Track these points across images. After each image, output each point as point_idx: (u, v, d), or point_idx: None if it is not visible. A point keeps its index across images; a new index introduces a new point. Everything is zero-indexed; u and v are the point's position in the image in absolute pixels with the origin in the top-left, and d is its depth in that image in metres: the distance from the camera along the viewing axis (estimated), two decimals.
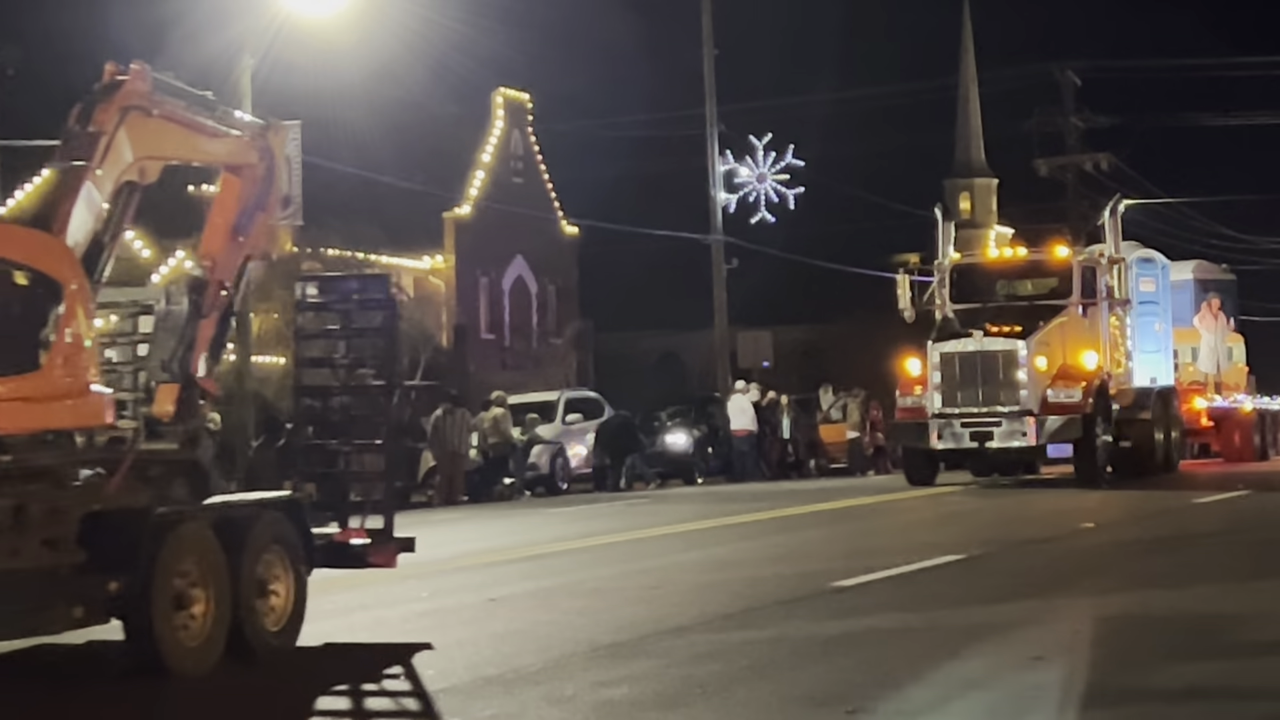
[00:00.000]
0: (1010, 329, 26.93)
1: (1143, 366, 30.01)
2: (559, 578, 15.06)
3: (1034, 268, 29.01)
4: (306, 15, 31.47)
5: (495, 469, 32.90)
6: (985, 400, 26.61)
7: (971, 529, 19.38)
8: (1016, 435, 26.45)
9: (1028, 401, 26.38)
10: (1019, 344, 26.60)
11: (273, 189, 12.08)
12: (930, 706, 8.43)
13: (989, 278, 29.06)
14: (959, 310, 28.14)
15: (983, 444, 26.67)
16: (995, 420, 26.51)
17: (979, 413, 26.59)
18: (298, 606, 10.88)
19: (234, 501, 11.02)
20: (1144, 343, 30.31)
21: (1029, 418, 26.31)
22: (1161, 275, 32.11)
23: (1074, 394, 26.53)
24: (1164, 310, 31.88)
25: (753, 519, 21.77)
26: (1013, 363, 26.53)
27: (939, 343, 27.20)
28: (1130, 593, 12.73)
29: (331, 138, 40.08)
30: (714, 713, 8.54)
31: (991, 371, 26.60)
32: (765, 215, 50.17)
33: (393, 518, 12.04)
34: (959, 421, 26.64)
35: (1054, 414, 26.37)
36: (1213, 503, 22.73)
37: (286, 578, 10.79)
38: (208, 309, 11.16)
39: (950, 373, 26.80)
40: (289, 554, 10.87)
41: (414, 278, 48.95)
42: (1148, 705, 8.38)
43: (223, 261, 11.43)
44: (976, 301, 28.20)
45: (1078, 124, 59.45)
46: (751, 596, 12.91)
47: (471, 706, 8.82)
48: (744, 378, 40.94)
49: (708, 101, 48.01)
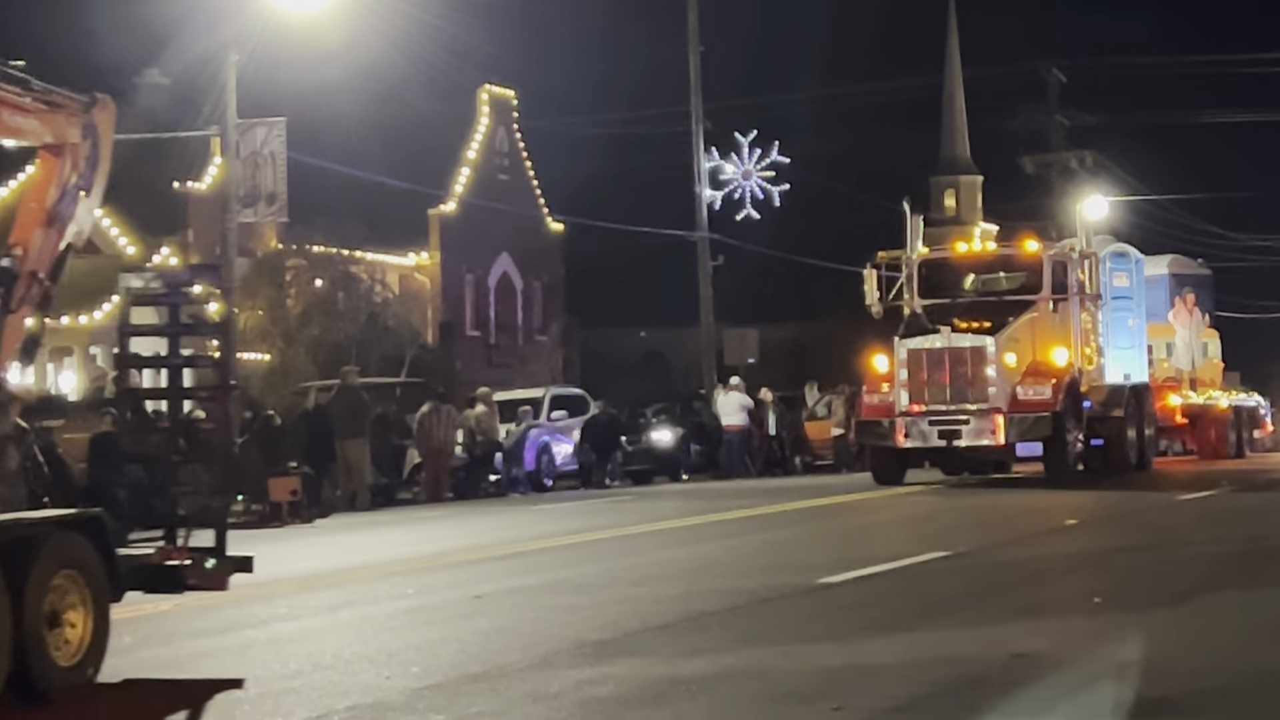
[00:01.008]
0: (979, 325, 26.45)
1: (1116, 363, 29.55)
2: (544, 575, 15.07)
3: (1004, 262, 28.58)
4: (292, 12, 31.45)
5: (481, 466, 32.90)
6: (953, 398, 26.10)
7: (955, 526, 19.40)
8: (985, 433, 25.96)
9: (996, 399, 25.90)
10: (988, 340, 26.13)
11: (98, 170, 10.73)
12: (916, 703, 8.44)
13: (958, 273, 28.56)
14: (927, 306, 27.65)
15: (950, 442, 26.21)
16: (963, 418, 26.01)
17: (947, 410, 26.10)
18: (98, 637, 9.70)
19: (16, 520, 9.67)
20: (1117, 339, 29.90)
21: (998, 415, 25.82)
22: (1135, 270, 31.66)
23: (1044, 391, 26.06)
24: (1138, 305, 31.39)
25: (738, 516, 21.78)
26: (981, 359, 26.04)
27: (906, 339, 26.70)
28: (1116, 589, 12.76)
29: (317, 134, 40.03)
30: (699, 710, 8.55)
31: (959, 368, 26.09)
32: (750, 212, 50.23)
33: (225, 534, 10.87)
34: (926, 419, 26.15)
35: (1023, 412, 25.88)
36: (1193, 500, 22.76)
37: (84, 606, 9.59)
38: (17, 303, 10.16)
39: (917, 369, 26.30)
40: (87, 578, 9.66)
41: (399, 274, 48.95)
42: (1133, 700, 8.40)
43: (37, 250, 10.30)
44: (945, 297, 27.77)
45: (1063, 121, 59.63)
46: (737, 593, 12.92)
47: (456, 704, 8.82)
48: (736, 374, 40.94)
49: (693, 98, 48.04)
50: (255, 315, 41.59)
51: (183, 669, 10.45)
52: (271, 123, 33.83)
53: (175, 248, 37.74)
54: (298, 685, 9.58)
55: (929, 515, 21.82)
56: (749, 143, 50.35)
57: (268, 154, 33.58)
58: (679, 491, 31.11)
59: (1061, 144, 60.06)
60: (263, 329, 41.94)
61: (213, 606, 13.58)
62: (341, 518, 26.60)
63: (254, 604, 13.59)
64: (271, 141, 33.64)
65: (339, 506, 28.39)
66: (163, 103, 42.50)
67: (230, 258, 32.53)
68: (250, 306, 40.74)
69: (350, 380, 30.76)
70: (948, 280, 28.21)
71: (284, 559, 18.96)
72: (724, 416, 37.37)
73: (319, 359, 41.05)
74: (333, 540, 21.59)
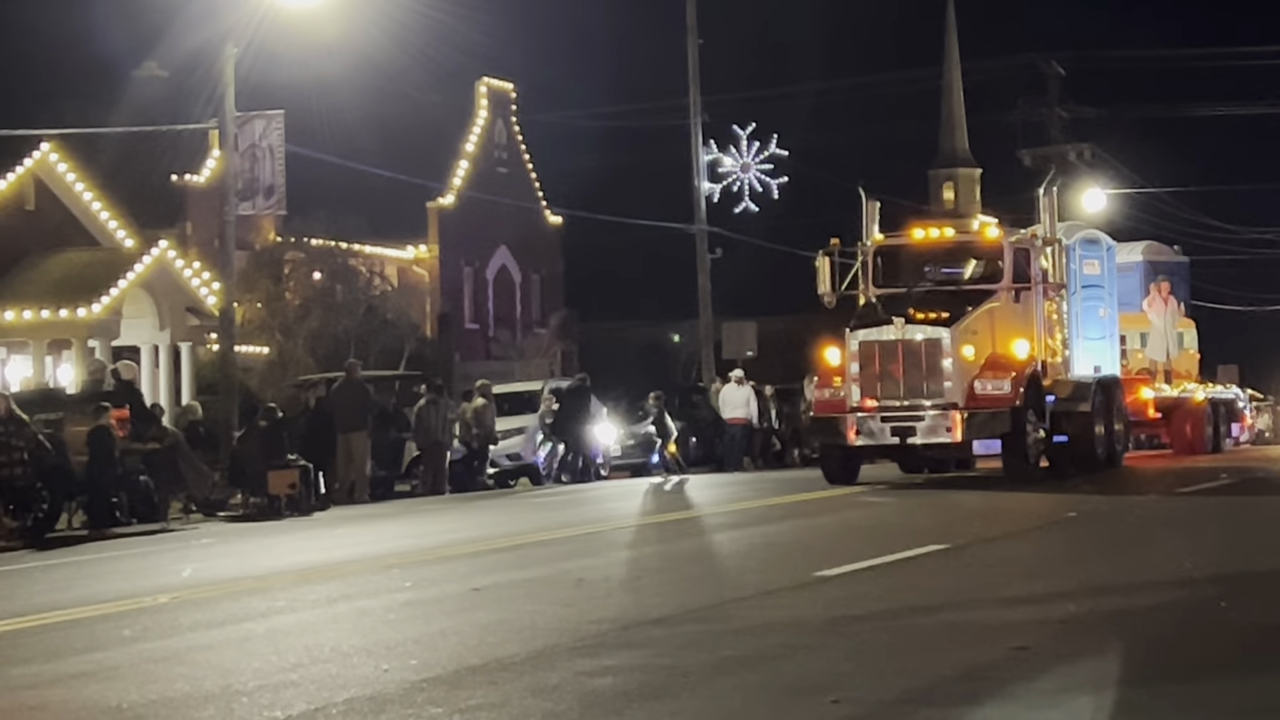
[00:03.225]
0: (936, 315, 24.98)
1: (1085, 355, 28.21)
2: (543, 568, 15.06)
3: (963, 249, 26.81)
4: (291, 5, 31.42)
5: (478, 460, 32.83)
6: (907, 393, 24.63)
7: (950, 520, 19.39)
8: (940, 430, 24.48)
9: (952, 394, 24.44)
10: (943, 332, 24.62)
11: None
12: (914, 695, 8.44)
13: (915, 260, 26.85)
14: (882, 295, 26.10)
15: (904, 440, 24.71)
16: (918, 414, 24.55)
17: (900, 406, 24.63)
18: None
19: None
20: (1087, 329, 28.52)
21: (954, 411, 24.37)
22: (1107, 257, 30.11)
23: (1003, 386, 24.57)
24: (1109, 294, 29.85)
25: (737, 508, 21.76)
26: (937, 352, 24.54)
27: (857, 330, 25.13)
28: (1106, 587, 12.76)
29: (315, 128, 40.10)
30: (698, 703, 8.54)
31: (914, 362, 24.61)
32: (749, 205, 50.25)
33: None
34: (879, 416, 24.65)
35: (980, 407, 24.41)
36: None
37: None
38: None
39: (869, 363, 24.79)
40: None
41: (398, 267, 49.00)
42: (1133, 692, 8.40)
43: None
44: (901, 286, 26.24)
45: (1061, 114, 59.64)
46: (736, 586, 12.92)
47: (455, 696, 8.81)
48: (739, 367, 40.91)
49: (691, 91, 48.04)
50: (254, 308, 41.62)
51: (181, 661, 10.44)
52: (270, 115, 33.81)
53: (173, 240, 37.73)
54: (296, 678, 9.57)
55: (926, 510, 21.82)
56: (747, 135, 50.40)
57: (266, 147, 33.55)
58: (678, 484, 31.07)
59: (1060, 137, 60.14)
60: (261, 322, 41.97)
61: (211, 599, 13.61)
62: (340, 510, 26.60)
63: (252, 597, 13.60)
64: (270, 134, 33.61)
65: (337, 499, 28.41)
66: (160, 95, 42.55)
67: (228, 250, 32.52)
68: (249, 299, 40.76)
69: (354, 373, 30.80)
70: (904, 268, 26.77)
71: (282, 552, 19.01)
72: (727, 409, 37.27)
73: (317, 352, 41.10)
74: (331, 533, 21.59)
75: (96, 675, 10.06)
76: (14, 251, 35.13)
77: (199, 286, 36.22)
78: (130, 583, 15.73)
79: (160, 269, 35.64)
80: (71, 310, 33.82)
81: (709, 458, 37.98)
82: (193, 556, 18.89)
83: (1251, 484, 24.60)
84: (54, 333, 34.58)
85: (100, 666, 10.36)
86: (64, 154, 35.73)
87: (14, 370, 35.13)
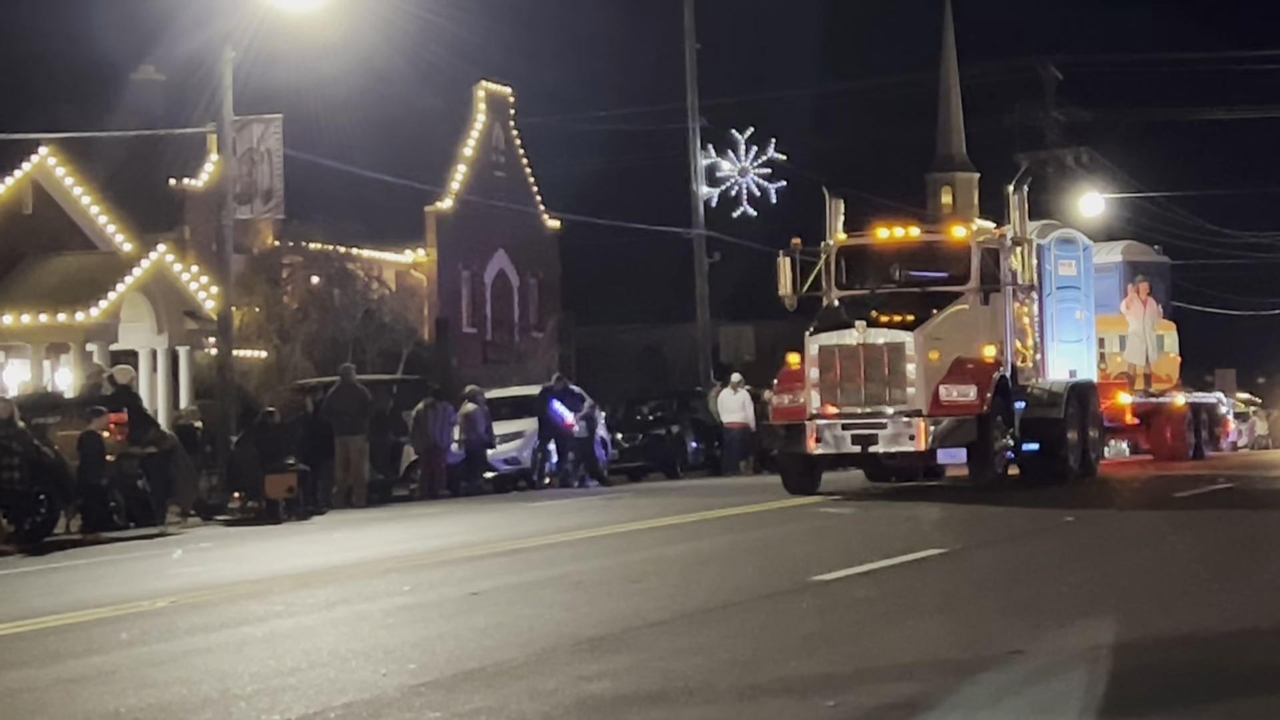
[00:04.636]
0: (900, 318, 24.02)
1: (1061, 358, 27.30)
2: (541, 571, 15.07)
3: (929, 250, 25.67)
4: (289, 8, 31.44)
5: (468, 464, 32.80)
6: (869, 399, 23.66)
7: (944, 526, 19.39)
8: (903, 439, 23.50)
9: (916, 401, 23.43)
10: (906, 336, 23.64)
11: None
12: (912, 699, 8.45)
13: (880, 261, 25.70)
14: (845, 297, 25.29)
15: (866, 448, 23.81)
16: (880, 422, 23.59)
17: (862, 414, 23.67)
18: None
19: None
20: (1063, 332, 27.60)
21: (918, 419, 23.40)
22: (1084, 257, 29.04)
23: (968, 392, 23.56)
24: (1086, 296, 28.84)
25: (734, 513, 21.77)
26: (900, 357, 23.54)
27: (818, 334, 24.27)
28: (1100, 586, 12.78)
29: (314, 131, 40.10)
30: (696, 706, 8.55)
31: (876, 367, 23.64)
32: (747, 209, 50.23)
33: None
34: (840, 424, 23.72)
35: (945, 415, 23.44)
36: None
37: None
38: None
39: (829, 368, 23.84)
40: None
41: (396, 271, 49.01)
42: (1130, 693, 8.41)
43: None
44: (866, 287, 25.34)
45: (1058, 118, 59.67)
46: (733, 590, 12.93)
47: (453, 700, 8.82)
48: (737, 372, 40.94)
49: (689, 95, 48.09)
50: (252, 312, 41.63)
51: (179, 665, 10.44)
52: (268, 119, 33.82)
53: (171, 244, 37.73)
54: (294, 682, 9.58)
55: (925, 514, 21.80)
56: (745, 140, 50.37)
57: (264, 150, 33.56)
58: (675, 489, 31.10)
59: (1057, 141, 60.15)
60: (259, 326, 41.97)
61: (210, 603, 13.62)
62: (338, 515, 26.62)
63: (250, 601, 13.61)
64: (268, 138, 33.61)
65: (335, 503, 28.42)
66: (158, 99, 42.57)
67: (226, 254, 32.53)
68: (247, 303, 40.77)
69: (350, 377, 30.83)
70: (868, 269, 25.77)
71: (280, 556, 19.02)
72: (726, 414, 37.32)
73: (315, 356, 41.09)
74: (329, 537, 21.60)
75: (94, 679, 10.07)
76: (12, 255, 35.12)
77: (197, 290, 36.21)
78: (127, 587, 15.74)
79: (158, 273, 35.64)
80: (69, 314, 33.80)
81: (709, 462, 38.02)
82: (188, 560, 18.90)
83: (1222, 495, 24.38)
84: (52, 336, 34.56)
85: (98, 670, 10.37)
86: (62, 158, 35.72)
87: (12, 374, 35.11)
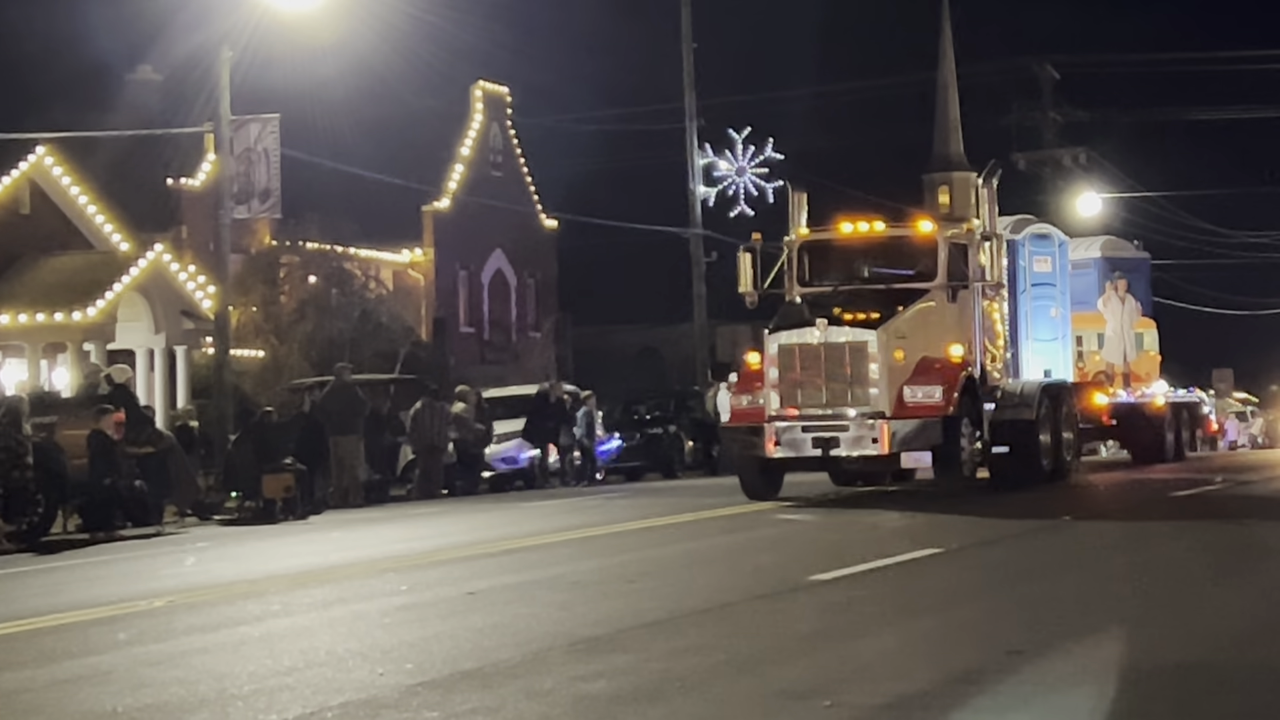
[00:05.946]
0: (863, 316, 23.18)
1: (1035, 358, 26.69)
2: (538, 571, 15.07)
3: (895, 245, 24.86)
4: (286, 8, 31.44)
5: (461, 464, 32.83)
6: (830, 401, 22.80)
7: (942, 524, 19.38)
8: (866, 442, 22.60)
9: (879, 402, 22.59)
10: (869, 335, 22.79)
11: None
12: (909, 699, 8.45)
13: (844, 257, 25.10)
14: (807, 294, 24.43)
15: (827, 452, 22.85)
16: (842, 424, 22.73)
17: (822, 415, 22.81)
18: None
19: None
20: (1038, 330, 26.98)
21: (880, 421, 22.52)
22: (1059, 254, 28.34)
23: (934, 393, 22.74)
24: (1062, 293, 28.14)
25: (731, 513, 21.77)
26: (862, 356, 22.67)
27: (777, 332, 23.37)
28: (1097, 585, 12.79)
29: (310, 131, 40.08)
30: (692, 707, 8.55)
31: (838, 367, 22.77)
32: (744, 209, 50.25)
33: None
34: (799, 426, 22.86)
35: (910, 416, 22.57)
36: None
37: None
38: None
39: (789, 368, 22.98)
40: None
41: (393, 271, 49.01)
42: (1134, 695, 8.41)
43: None
44: (829, 284, 24.57)
45: (1056, 118, 59.65)
46: (729, 590, 12.93)
47: (449, 700, 8.82)
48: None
49: (686, 95, 48.11)
50: (249, 312, 41.64)
51: (176, 665, 10.44)
52: (265, 119, 33.84)
53: (168, 244, 37.72)
54: (291, 682, 9.58)
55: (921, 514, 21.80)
56: (743, 139, 50.40)
57: (261, 150, 33.58)
58: (672, 489, 31.11)
59: (1055, 141, 60.12)
60: (256, 325, 41.98)
61: (206, 603, 13.61)
62: (334, 514, 26.62)
63: (247, 600, 13.60)
64: (265, 138, 33.64)
65: (332, 503, 28.43)
66: (155, 99, 42.55)
67: (223, 254, 32.54)
68: (244, 303, 40.78)
69: (345, 376, 30.82)
70: (832, 265, 25.06)
71: (277, 556, 19.02)
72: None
73: (312, 355, 41.09)
74: (326, 537, 21.60)
75: (91, 679, 10.06)
76: (9, 255, 35.12)
77: (194, 290, 36.21)
78: (124, 586, 15.73)
79: (155, 272, 35.64)
80: (67, 314, 33.80)
81: (706, 461, 38.02)
82: (187, 560, 18.89)
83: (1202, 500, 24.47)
84: (49, 336, 34.55)
85: (94, 670, 10.36)
86: (59, 158, 35.72)
87: (9, 374, 35.11)
